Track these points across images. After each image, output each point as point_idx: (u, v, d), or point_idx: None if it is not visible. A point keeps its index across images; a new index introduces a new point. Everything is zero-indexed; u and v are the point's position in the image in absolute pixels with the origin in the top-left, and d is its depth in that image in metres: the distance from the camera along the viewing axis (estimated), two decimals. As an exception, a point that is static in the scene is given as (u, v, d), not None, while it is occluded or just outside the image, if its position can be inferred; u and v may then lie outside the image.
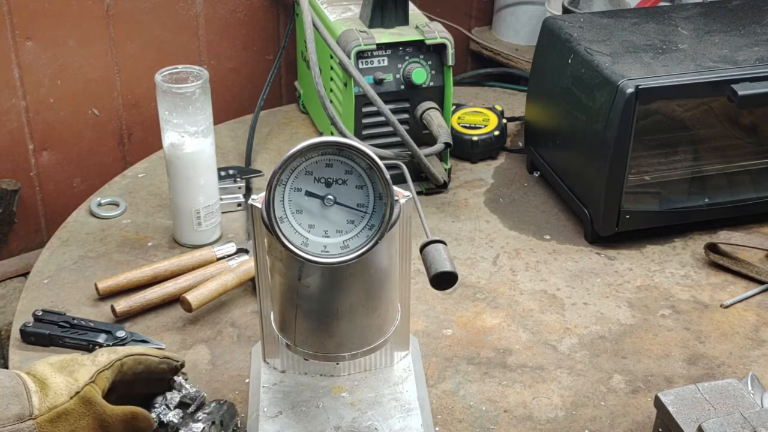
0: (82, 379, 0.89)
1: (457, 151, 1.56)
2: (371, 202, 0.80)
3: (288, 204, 0.80)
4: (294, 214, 0.80)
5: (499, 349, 1.16)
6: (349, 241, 0.81)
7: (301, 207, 0.80)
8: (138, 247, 1.34)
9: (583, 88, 1.33)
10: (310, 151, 0.79)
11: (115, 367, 0.92)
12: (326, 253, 0.80)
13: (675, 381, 1.11)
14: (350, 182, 0.80)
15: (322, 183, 0.80)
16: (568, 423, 1.05)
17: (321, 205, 0.80)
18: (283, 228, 0.79)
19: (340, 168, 0.80)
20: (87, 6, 1.58)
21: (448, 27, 1.47)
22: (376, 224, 0.80)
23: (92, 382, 0.89)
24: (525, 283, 1.29)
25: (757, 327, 1.21)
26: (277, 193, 0.79)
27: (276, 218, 0.79)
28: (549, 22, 1.46)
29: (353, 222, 0.80)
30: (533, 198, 1.50)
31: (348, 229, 0.80)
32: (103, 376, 0.90)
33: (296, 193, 0.80)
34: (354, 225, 0.80)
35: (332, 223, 0.80)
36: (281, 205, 0.79)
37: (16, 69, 1.56)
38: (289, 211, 0.80)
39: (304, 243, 0.80)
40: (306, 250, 0.79)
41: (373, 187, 0.80)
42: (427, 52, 1.41)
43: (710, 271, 1.32)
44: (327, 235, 0.80)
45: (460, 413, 1.06)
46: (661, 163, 1.41)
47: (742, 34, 1.41)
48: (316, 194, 0.80)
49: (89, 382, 0.89)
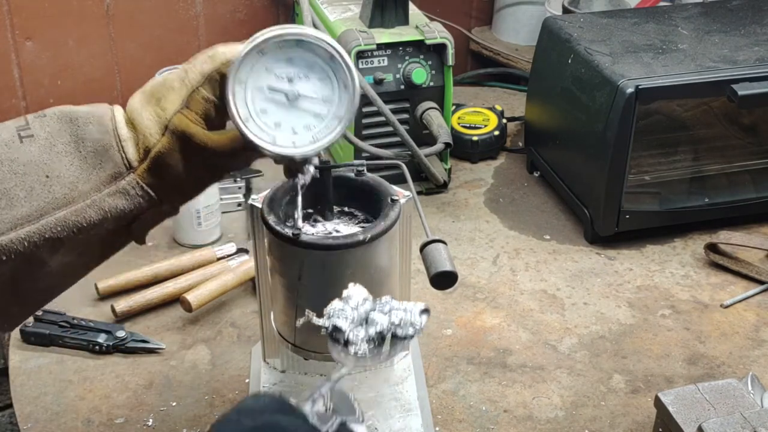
0: (171, 108, 0.73)
1: (457, 151, 1.56)
2: (336, 94, 0.78)
3: (251, 104, 0.76)
4: (259, 114, 0.76)
5: (499, 349, 1.16)
6: (317, 134, 0.78)
7: (266, 106, 0.77)
8: (138, 247, 1.33)
9: (583, 88, 1.33)
10: (266, 46, 0.75)
11: (212, 81, 0.75)
12: (295, 147, 0.77)
13: (675, 381, 1.11)
14: (313, 76, 0.77)
15: (285, 80, 0.77)
16: (568, 423, 1.05)
17: (285, 101, 0.77)
18: (250, 127, 0.76)
19: (301, 63, 0.77)
20: (87, 6, 1.58)
21: (448, 27, 1.47)
22: (343, 114, 0.78)
23: (184, 108, 0.74)
24: (525, 283, 1.29)
25: (757, 327, 1.21)
26: (237, 93, 0.75)
27: (241, 118, 0.75)
28: (549, 22, 1.46)
29: (320, 116, 0.78)
30: (533, 198, 1.50)
31: (316, 123, 0.77)
32: (197, 97, 0.74)
33: (258, 92, 0.76)
34: (321, 119, 0.78)
35: (299, 119, 0.77)
36: (244, 105, 0.76)
37: (16, 69, 1.56)
38: (253, 111, 0.76)
39: (272, 140, 0.77)
40: (275, 144, 0.76)
41: (336, 78, 0.78)
42: (427, 52, 1.41)
43: (710, 271, 1.32)
44: (295, 132, 0.77)
45: (460, 413, 1.06)
46: (661, 163, 1.41)
47: (742, 34, 1.41)
48: (279, 89, 0.77)
49: (179, 110, 0.73)
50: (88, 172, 0.72)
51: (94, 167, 0.72)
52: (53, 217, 0.70)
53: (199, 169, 0.75)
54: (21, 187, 0.70)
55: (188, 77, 0.75)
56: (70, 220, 0.70)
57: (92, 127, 0.72)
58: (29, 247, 0.69)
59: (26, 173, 0.70)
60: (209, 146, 0.73)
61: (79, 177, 0.71)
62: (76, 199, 0.71)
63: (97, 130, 0.72)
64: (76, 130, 0.72)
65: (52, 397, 1.07)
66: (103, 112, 0.74)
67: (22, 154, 0.70)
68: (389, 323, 0.74)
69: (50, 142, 0.72)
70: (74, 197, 0.71)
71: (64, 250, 0.71)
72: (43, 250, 0.70)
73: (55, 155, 0.71)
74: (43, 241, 0.70)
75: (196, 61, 0.76)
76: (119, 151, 0.72)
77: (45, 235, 0.69)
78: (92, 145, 0.72)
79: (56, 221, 0.70)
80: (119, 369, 1.12)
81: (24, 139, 0.71)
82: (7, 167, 0.70)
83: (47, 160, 0.71)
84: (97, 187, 0.71)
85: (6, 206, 0.69)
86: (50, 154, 0.71)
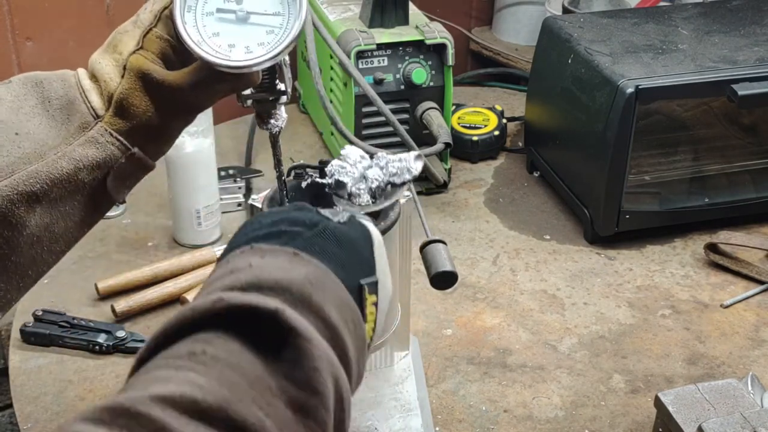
0: (126, 50, 0.74)
1: (457, 151, 1.56)
2: (286, 7, 0.78)
3: (202, 29, 0.76)
4: (211, 38, 0.76)
5: (499, 349, 1.16)
6: (270, 48, 0.77)
7: (217, 29, 0.77)
8: (138, 247, 1.34)
9: (583, 88, 1.33)
10: None
11: (164, 19, 0.75)
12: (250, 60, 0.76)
13: (675, 381, 1.11)
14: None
15: (233, 1, 0.77)
16: (568, 423, 1.05)
17: (236, 21, 0.77)
18: (204, 48, 0.75)
19: None
20: (87, 6, 1.58)
21: (448, 27, 1.47)
22: (293, 24, 0.77)
23: (139, 49, 0.74)
24: (525, 283, 1.29)
25: (757, 327, 1.21)
26: (187, 19, 0.75)
27: (194, 41, 0.75)
28: (549, 22, 1.46)
29: (273, 31, 0.77)
30: (533, 198, 1.50)
31: (269, 40, 0.77)
32: (152, 36, 0.75)
33: (208, 17, 0.76)
34: (274, 34, 0.77)
35: (251, 37, 0.77)
36: (195, 30, 0.76)
37: (16, 69, 1.56)
38: (205, 35, 0.76)
39: (226, 59, 0.76)
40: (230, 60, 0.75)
41: None
42: (427, 52, 1.41)
43: (710, 271, 1.32)
44: (249, 50, 0.76)
45: (460, 413, 1.06)
46: (661, 163, 1.41)
47: (742, 34, 1.41)
48: (228, 10, 0.77)
49: (135, 50, 0.74)
50: (57, 128, 0.72)
51: (63, 122, 0.73)
52: (25, 172, 0.70)
53: (164, 110, 0.75)
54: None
55: (140, 19, 0.76)
56: (42, 172, 0.70)
57: (56, 85, 0.74)
58: (3, 203, 0.69)
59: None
60: (167, 81, 0.73)
61: (48, 133, 0.72)
62: (47, 153, 0.71)
63: (62, 87, 0.73)
64: (42, 92, 0.73)
65: (52, 397, 1.07)
66: (66, 72, 0.75)
67: None
68: (387, 174, 0.78)
69: (17, 104, 0.72)
70: (45, 151, 0.71)
71: (41, 208, 0.71)
72: (20, 207, 0.70)
73: (23, 116, 0.72)
74: (16, 195, 0.69)
75: (147, 3, 0.77)
76: (84, 102, 0.73)
77: (18, 188, 0.69)
78: (58, 102, 0.73)
79: (28, 174, 0.70)
80: (119, 369, 1.12)
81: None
82: None
83: (15, 120, 0.71)
84: (67, 139, 0.72)
85: None
86: (18, 115, 0.72)
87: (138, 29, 0.75)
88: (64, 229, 0.74)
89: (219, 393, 0.48)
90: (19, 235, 0.71)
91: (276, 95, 0.81)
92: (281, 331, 0.52)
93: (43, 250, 0.74)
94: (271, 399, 0.50)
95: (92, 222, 0.78)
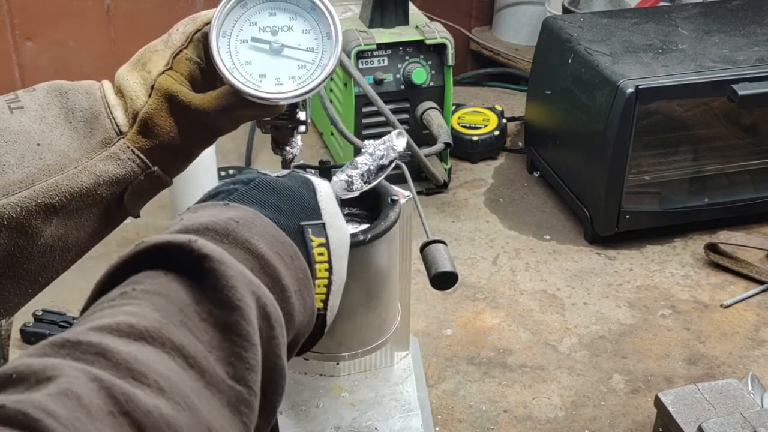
0: (156, 70, 0.74)
1: (457, 151, 1.56)
2: (320, 44, 0.78)
3: (235, 56, 0.77)
4: (243, 65, 0.77)
5: (499, 349, 1.16)
6: (301, 83, 0.78)
7: (250, 58, 0.77)
8: (138, 247, 1.34)
9: (583, 88, 1.33)
10: None
11: (195, 42, 0.76)
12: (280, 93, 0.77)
13: (675, 381, 1.11)
14: (296, 28, 0.78)
15: (268, 32, 0.78)
16: (568, 423, 1.05)
17: (269, 52, 0.78)
18: (235, 75, 0.76)
19: (284, 15, 0.78)
20: (87, 6, 1.58)
21: (448, 27, 1.47)
22: (326, 62, 0.78)
23: (168, 69, 0.74)
24: (525, 283, 1.29)
25: (757, 327, 1.21)
26: (221, 44, 0.76)
27: (226, 67, 0.76)
28: (549, 22, 1.46)
29: (305, 66, 0.78)
30: (533, 198, 1.50)
31: (300, 74, 0.78)
32: (182, 58, 0.75)
33: (242, 44, 0.77)
34: (306, 69, 0.78)
35: (283, 70, 0.78)
36: (228, 56, 0.76)
37: (16, 69, 1.56)
38: (237, 62, 0.77)
39: (256, 88, 0.77)
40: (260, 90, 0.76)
41: (319, 28, 0.78)
42: (427, 52, 1.41)
43: (710, 271, 1.32)
44: (279, 82, 0.77)
45: (460, 413, 1.06)
46: (661, 163, 1.41)
47: (742, 34, 1.41)
48: (262, 40, 0.78)
49: (164, 71, 0.74)
50: (79, 141, 0.72)
51: (85, 135, 0.72)
52: (45, 183, 0.70)
53: (187, 131, 0.76)
54: (12, 154, 0.70)
55: (171, 39, 0.76)
56: (62, 185, 0.71)
57: (81, 97, 0.73)
58: (21, 213, 0.69)
59: (17, 141, 0.70)
60: (194, 104, 0.74)
61: (70, 145, 0.72)
62: (67, 166, 0.71)
63: (86, 100, 0.73)
64: (66, 102, 0.73)
65: (52, 397, 1.07)
66: (91, 84, 0.75)
67: (13, 124, 0.71)
68: (375, 158, 0.80)
69: (40, 114, 0.72)
70: (66, 164, 0.71)
71: (57, 220, 0.71)
72: (37, 218, 0.70)
73: (46, 126, 0.72)
74: (35, 206, 0.70)
75: (179, 24, 0.77)
76: (109, 117, 0.73)
77: (37, 200, 0.70)
78: (82, 114, 0.73)
79: (48, 186, 0.70)
80: (119, 369, 1.11)
81: (14, 110, 0.72)
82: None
83: (38, 129, 0.71)
84: (89, 153, 0.72)
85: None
86: (41, 124, 0.72)
87: (168, 49, 0.75)
88: (76, 239, 0.75)
89: (152, 317, 0.51)
90: (33, 244, 0.71)
91: (295, 124, 0.81)
92: (197, 259, 0.54)
93: (54, 259, 0.74)
94: (199, 322, 0.53)
95: (104, 234, 0.78)
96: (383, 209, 0.87)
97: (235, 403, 0.52)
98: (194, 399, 0.49)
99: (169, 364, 0.50)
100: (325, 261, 0.67)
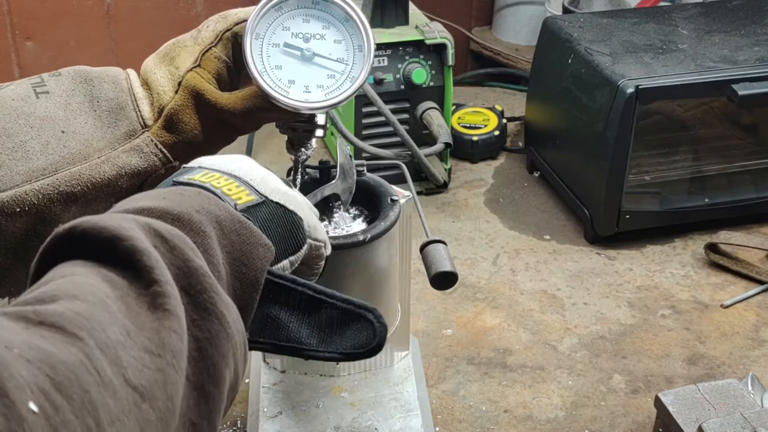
0: (184, 66, 0.74)
1: (457, 151, 1.56)
2: (351, 56, 0.79)
3: (266, 59, 0.77)
4: (274, 70, 0.77)
5: (499, 349, 1.16)
6: (329, 93, 0.79)
7: (281, 63, 0.78)
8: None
9: (583, 88, 1.33)
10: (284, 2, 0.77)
11: (224, 40, 0.76)
12: (308, 102, 0.77)
13: (675, 381, 1.11)
14: (328, 37, 0.79)
15: (300, 38, 0.78)
16: (568, 423, 1.05)
17: (300, 59, 0.78)
18: (265, 79, 0.77)
19: (317, 24, 0.78)
20: (87, 6, 1.58)
21: (448, 27, 1.47)
22: (356, 75, 0.79)
23: (196, 66, 0.75)
24: (525, 283, 1.29)
25: (757, 327, 1.21)
26: (254, 47, 0.76)
27: (257, 69, 0.76)
28: (549, 22, 1.46)
29: (334, 76, 0.78)
30: (533, 198, 1.50)
31: (329, 84, 0.78)
32: (210, 56, 0.75)
33: (274, 48, 0.78)
34: (335, 79, 0.78)
35: (312, 78, 0.78)
36: (260, 59, 0.77)
37: (16, 69, 1.56)
38: (268, 66, 0.77)
39: (285, 93, 0.78)
40: (288, 97, 0.77)
41: (351, 40, 0.79)
42: (427, 52, 1.41)
43: (710, 271, 1.32)
44: (308, 90, 0.78)
45: (460, 413, 1.06)
46: (661, 163, 1.41)
47: (742, 34, 1.41)
48: (294, 46, 0.78)
49: (192, 68, 0.74)
50: (103, 130, 0.72)
51: (110, 125, 0.73)
52: (68, 172, 0.70)
53: (211, 129, 0.76)
54: (37, 140, 0.70)
55: (201, 36, 0.76)
56: (85, 175, 0.71)
57: (107, 86, 0.73)
58: (43, 200, 0.69)
59: (42, 127, 0.70)
60: (220, 103, 0.74)
61: (94, 134, 0.72)
62: (91, 155, 0.71)
63: (112, 90, 0.73)
64: (92, 90, 0.73)
65: (52, 397, 1.07)
66: (117, 73, 0.75)
67: (38, 109, 0.71)
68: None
69: (65, 99, 0.72)
70: (89, 153, 0.71)
71: (75, 208, 0.72)
72: (57, 205, 0.70)
73: (71, 112, 0.72)
74: (57, 194, 0.70)
75: (210, 21, 0.77)
76: (134, 110, 0.73)
77: (59, 188, 0.70)
78: (107, 104, 0.73)
79: (71, 175, 0.70)
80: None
81: (40, 95, 0.72)
82: (24, 121, 0.70)
83: (63, 116, 0.71)
84: (112, 144, 0.72)
85: (22, 158, 0.69)
86: (66, 111, 0.72)
87: (198, 46, 0.75)
88: None
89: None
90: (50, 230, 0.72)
91: (313, 127, 0.82)
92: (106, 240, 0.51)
93: None
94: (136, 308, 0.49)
95: None
96: (383, 209, 0.87)
97: (150, 301, 0.49)
98: (110, 303, 0.47)
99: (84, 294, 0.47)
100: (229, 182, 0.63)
